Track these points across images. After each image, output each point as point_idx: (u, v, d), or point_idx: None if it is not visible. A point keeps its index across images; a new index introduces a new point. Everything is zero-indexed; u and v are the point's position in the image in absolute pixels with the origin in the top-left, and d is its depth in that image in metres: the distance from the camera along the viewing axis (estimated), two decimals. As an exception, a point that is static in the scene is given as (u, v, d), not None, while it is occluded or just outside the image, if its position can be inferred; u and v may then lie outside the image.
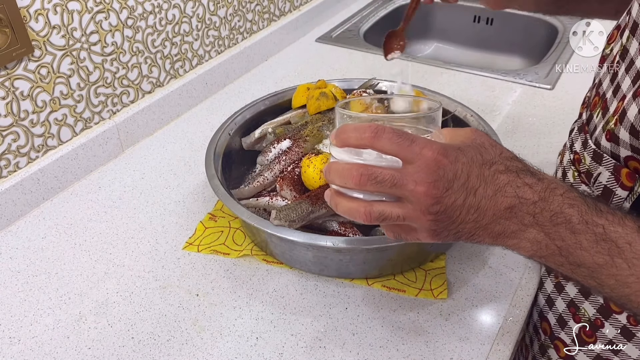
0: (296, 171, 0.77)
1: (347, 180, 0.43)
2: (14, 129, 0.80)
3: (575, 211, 0.42)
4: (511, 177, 0.42)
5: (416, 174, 0.41)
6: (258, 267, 0.74)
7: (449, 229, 0.43)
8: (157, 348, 0.64)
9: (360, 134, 0.42)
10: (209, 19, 1.09)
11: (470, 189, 0.42)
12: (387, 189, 0.42)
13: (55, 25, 0.81)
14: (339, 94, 0.91)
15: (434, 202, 0.41)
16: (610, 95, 0.55)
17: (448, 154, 0.41)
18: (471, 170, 0.42)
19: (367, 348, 0.63)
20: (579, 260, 0.42)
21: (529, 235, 0.43)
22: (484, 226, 0.43)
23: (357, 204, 0.44)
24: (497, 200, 0.42)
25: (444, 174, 0.41)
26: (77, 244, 0.79)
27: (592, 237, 0.41)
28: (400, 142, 0.41)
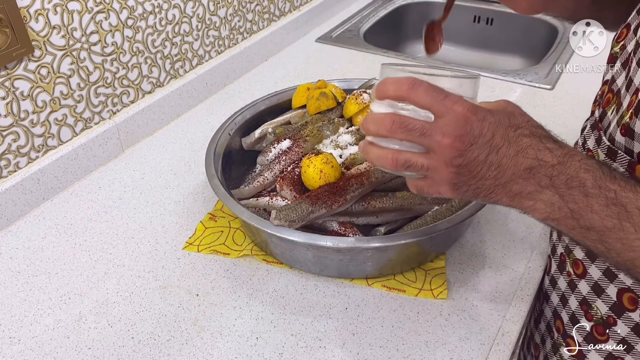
0: (296, 171, 0.77)
1: (380, 127, 0.46)
2: (14, 129, 0.80)
3: (590, 176, 0.44)
4: (534, 140, 0.45)
5: (444, 127, 0.44)
6: (258, 267, 0.74)
7: (469, 183, 0.46)
8: (157, 348, 0.64)
9: (398, 86, 0.45)
10: (209, 19, 1.09)
11: (493, 146, 0.44)
12: (416, 137, 0.45)
13: (55, 26, 0.81)
14: (339, 94, 0.91)
15: (457, 154, 0.44)
16: (623, 90, 0.55)
17: (477, 112, 0.44)
18: (497, 130, 0.44)
19: (367, 348, 0.63)
20: (589, 223, 0.44)
21: (544, 197, 0.45)
22: (503, 184, 0.45)
23: (386, 151, 0.47)
24: (517, 160, 0.44)
25: (470, 130, 0.44)
26: (77, 244, 0.79)
27: (603, 200, 0.43)
28: (434, 95, 0.44)
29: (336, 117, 0.88)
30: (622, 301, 0.59)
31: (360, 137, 0.83)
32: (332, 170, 0.73)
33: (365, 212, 0.73)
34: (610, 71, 0.60)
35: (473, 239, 0.77)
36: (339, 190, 0.71)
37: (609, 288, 0.60)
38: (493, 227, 0.79)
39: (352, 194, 0.71)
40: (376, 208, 0.73)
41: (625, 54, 0.57)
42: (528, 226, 0.79)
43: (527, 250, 0.75)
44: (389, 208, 0.73)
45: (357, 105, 0.86)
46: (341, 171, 0.75)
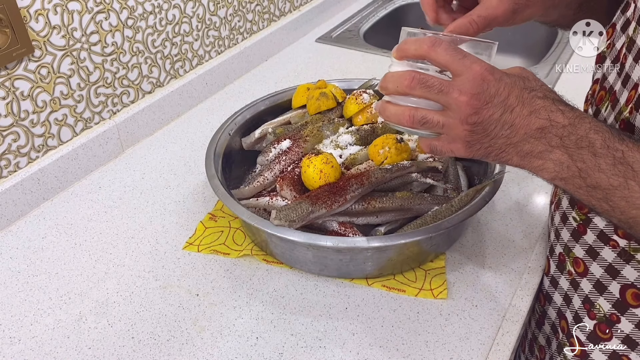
0: (296, 171, 0.77)
1: (399, 84, 0.48)
2: (14, 129, 0.80)
3: (600, 137, 0.45)
4: (547, 102, 0.46)
5: (462, 85, 0.45)
6: (258, 267, 0.74)
7: (482, 141, 0.47)
8: (157, 348, 0.64)
9: (419, 44, 0.47)
10: (209, 19, 1.09)
11: (508, 106, 0.46)
12: (434, 94, 0.46)
13: (55, 26, 0.81)
14: (339, 94, 0.91)
15: (473, 112, 0.45)
16: (619, 87, 0.55)
17: (494, 72, 0.46)
18: (512, 91, 0.46)
19: (367, 348, 0.63)
20: (596, 182, 0.45)
21: (554, 156, 0.46)
22: (515, 144, 0.47)
23: (402, 108, 0.49)
24: (530, 120, 0.46)
25: (487, 88, 0.45)
26: (77, 244, 0.79)
27: (611, 160, 0.44)
28: (454, 54, 0.46)
29: (336, 117, 0.88)
30: (625, 298, 0.59)
31: (360, 137, 0.83)
32: (332, 170, 0.73)
33: (365, 212, 0.73)
34: (600, 70, 0.61)
35: (473, 239, 0.77)
36: (339, 190, 0.71)
37: (611, 285, 0.60)
38: (493, 227, 0.79)
39: (352, 194, 0.71)
40: (376, 208, 0.73)
41: (614, 52, 0.58)
42: (528, 226, 0.79)
43: (527, 250, 0.75)
44: (389, 208, 0.73)
45: (357, 105, 0.86)
46: (341, 171, 0.75)
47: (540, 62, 1.22)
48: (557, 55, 1.23)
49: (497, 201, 0.83)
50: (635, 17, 0.53)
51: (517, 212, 0.82)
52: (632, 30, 0.54)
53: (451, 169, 0.81)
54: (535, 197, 0.84)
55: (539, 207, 0.82)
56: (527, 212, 0.81)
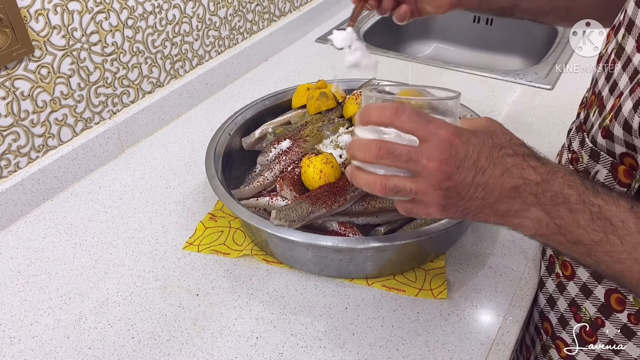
0: (296, 171, 0.77)
1: (366, 154, 0.47)
2: (15, 129, 0.80)
3: (574, 192, 0.45)
4: (518, 160, 0.46)
5: (430, 151, 0.45)
6: (258, 267, 0.74)
7: (457, 205, 0.46)
8: (157, 348, 0.64)
9: (382, 112, 0.46)
10: (209, 19, 1.09)
11: (479, 168, 0.45)
12: (403, 163, 0.46)
13: (55, 26, 0.81)
14: (339, 94, 0.91)
15: (444, 177, 0.45)
16: (606, 93, 0.55)
17: (461, 135, 0.45)
18: (481, 152, 0.45)
19: (367, 348, 0.63)
20: (577, 237, 0.45)
21: (531, 215, 0.46)
22: (490, 204, 0.46)
23: (374, 177, 0.48)
24: (503, 180, 0.45)
25: (455, 153, 0.44)
26: (77, 244, 0.79)
27: (588, 215, 0.44)
28: (418, 120, 0.45)
29: (336, 117, 0.88)
30: (609, 302, 0.59)
31: (360, 137, 0.82)
32: (332, 170, 0.73)
33: (365, 212, 0.73)
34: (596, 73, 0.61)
35: (473, 239, 0.77)
36: (339, 190, 0.71)
37: (596, 289, 0.60)
38: (493, 227, 0.79)
39: (352, 194, 0.71)
40: (376, 208, 0.73)
41: (606, 56, 0.58)
42: (528, 226, 0.79)
43: (527, 250, 0.75)
44: (389, 208, 0.73)
45: (357, 105, 0.86)
46: (341, 171, 0.75)
47: (540, 62, 1.22)
48: (557, 55, 1.23)
49: (497, 201, 0.83)
50: (625, 23, 0.53)
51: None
52: (621, 36, 0.54)
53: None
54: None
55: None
56: (527, 212, 0.81)
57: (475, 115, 0.84)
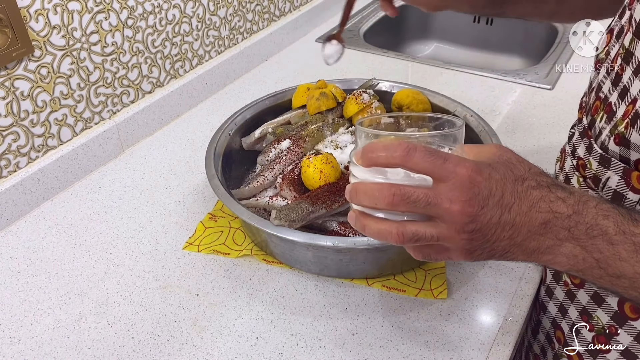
0: (296, 171, 0.77)
1: (378, 201, 0.42)
2: (14, 129, 0.80)
3: (611, 222, 0.41)
4: (544, 192, 0.42)
5: (450, 192, 0.40)
6: (258, 267, 0.74)
7: (483, 247, 0.43)
8: (157, 348, 0.64)
9: (390, 153, 0.41)
10: (209, 19, 1.09)
11: (505, 205, 0.41)
12: (421, 208, 0.41)
13: (55, 25, 0.81)
14: (339, 94, 0.91)
15: (469, 220, 0.41)
16: (615, 99, 0.54)
17: (482, 172, 0.41)
18: (505, 187, 0.41)
19: (367, 348, 0.63)
20: (619, 271, 0.41)
21: (564, 250, 0.42)
22: (519, 243, 0.42)
23: (388, 225, 0.43)
24: (531, 216, 0.41)
25: (479, 192, 0.40)
26: (77, 244, 0.79)
27: (630, 247, 0.41)
28: (433, 160, 0.40)
29: (336, 117, 0.88)
30: (623, 310, 0.58)
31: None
32: (332, 170, 0.73)
33: (365, 212, 0.73)
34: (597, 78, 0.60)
35: (473, 239, 0.77)
36: (339, 190, 0.71)
37: (609, 297, 0.59)
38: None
39: (352, 194, 0.71)
40: (376, 208, 0.73)
41: (609, 60, 0.57)
42: (528, 226, 0.79)
43: (527, 250, 0.75)
44: (389, 208, 0.73)
45: (357, 105, 0.86)
46: (341, 171, 0.75)
47: (540, 62, 1.22)
48: (557, 55, 1.22)
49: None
50: (632, 28, 0.52)
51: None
52: (628, 41, 0.53)
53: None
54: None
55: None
56: (527, 212, 0.81)
57: (476, 115, 0.84)
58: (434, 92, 0.91)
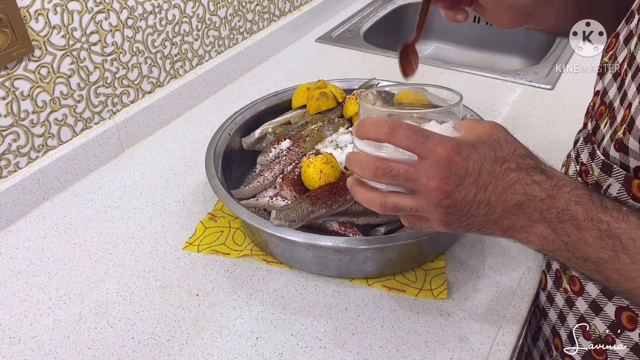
0: (296, 171, 0.77)
1: (364, 171, 0.46)
2: (14, 129, 0.80)
3: (581, 208, 0.43)
4: (521, 174, 0.44)
5: (429, 170, 0.43)
6: (258, 267, 0.74)
7: (460, 220, 0.46)
8: (157, 348, 0.64)
9: (377, 128, 0.45)
10: (209, 19, 1.09)
11: (480, 185, 0.44)
12: (401, 182, 0.45)
13: (55, 25, 0.81)
14: (339, 94, 0.91)
15: (444, 196, 0.44)
16: (617, 103, 0.54)
17: (461, 151, 0.43)
18: (483, 168, 0.44)
19: (367, 348, 0.63)
20: (585, 255, 0.44)
21: (536, 231, 0.45)
22: (494, 220, 0.45)
23: (374, 194, 0.47)
24: (506, 197, 0.44)
25: (455, 171, 0.43)
26: (77, 244, 0.79)
27: (596, 233, 0.43)
28: (415, 138, 0.44)
29: (336, 117, 0.88)
30: (620, 320, 0.58)
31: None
32: (332, 170, 0.73)
33: (365, 212, 0.73)
34: (601, 82, 0.59)
35: (473, 239, 0.77)
36: (339, 190, 0.71)
37: (607, 306, 0.58)
38: (493, 227, 0.79)
39: (352, 194, 0.71)
40: (376, 208, 0.73)
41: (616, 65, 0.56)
42: (528, 226, 0.79)
43: (527, 250, 0.75)
44: (389, 208, 0.73)
45: (357, 105, 0.86)
46: (341, 171, 0.75)
47: (540, 62, 1.22)
48: (557, 55, 1.23)
49: (497, 201, 0.83)
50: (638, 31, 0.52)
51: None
52: (633, 45, 0.52)
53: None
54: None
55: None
56: (527, 212, 0.81)
57: (476, 116, 0.84)
58: (434, 92, 0.91)
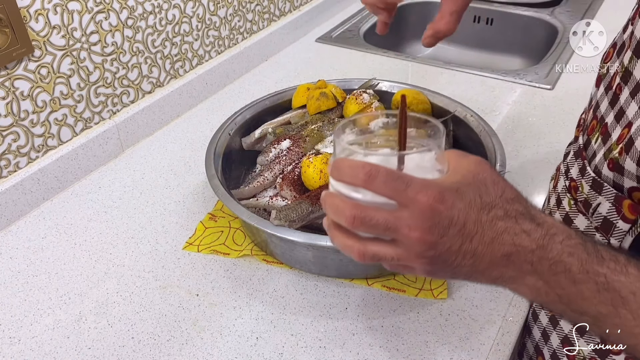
0: (296, 171, 0.77)
1: (340, 219, 0.42)
2: (14, 129, 0.80)
3: (576, 260, 0.40)
4: (509, 223, 0.41)
5: (410, 219, 0.40)
6: (258, 267, 0.74)
7: (444, 270, 0.42)
8: (157, 348, 0.64)
9: (354, 174, 0.41)
10: (209, 19, 1.09)
11: (466, 235, 0.40)
12: (381, 231, 0.41)
13: (55, 25, 0.81)
14: (339, 94, 0.91)
15: (427, 247, 0.40)
16: (611, 120, 0.52)
17: (445, 199, 0.40)
18: (468, 216, 0.40)
19: (367, 348, 0.63)
20: (581, 309, 0.41)
21: (527, 282, 0.41)
22: (481, 271, 0.42)
23: (352, 242, 0.43)
24: (494, 248, 0.41)
25: (439, 221, 0.40)
26: (77, 244, 0.79)
27: (593, 286, 0.40)
28: (394, 185, 0.40)
29: (336, 117, 0.88)
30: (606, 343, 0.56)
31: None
32: (332, 170, 0.73)
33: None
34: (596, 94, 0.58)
35: (473, 239, 0.77)
36: (339, 190, 0.71)
37: None
38: (493, 227, 0.79)
39: (352, 194, 0.71)
40: (376, 208, 0.73)
41: (608, 78, 0.55)
42: (528, 226, 0.79)
43: (527, 250, 0.75)
44: (389, 208, 0.73)
45: (357, 105, 0.86)
46: (341, 171, 0.75)
47: (540, 62, 1.22)
48: (557, 55, 1.23)
49: (497, 201, 0.83)
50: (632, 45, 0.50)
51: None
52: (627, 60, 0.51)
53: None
54: (535, 197, 0.84)
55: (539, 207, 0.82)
56: (527, 212, 0.81)
57: (476, 116, 0.84)
58: (434, 92, 0.91)
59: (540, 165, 0.90)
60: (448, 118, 0.87)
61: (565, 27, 1.34)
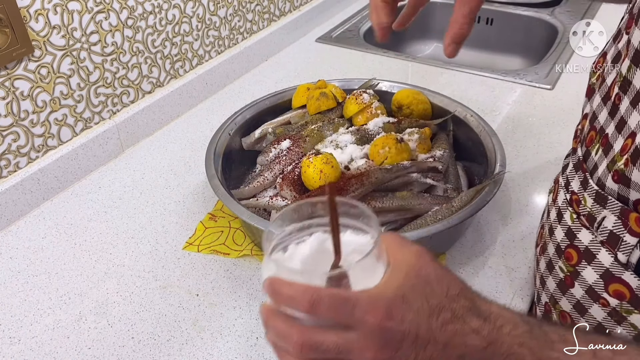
0: (296, 171, 0.77)
1: (287, 345, 0.40)
2: (14, 129, 0.80)
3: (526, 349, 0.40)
4: (458, 325, 0.41)
5: (362, 341, 0.39)
6: (258, 267, 0.74)
7: None
8: (157, 348, 0.64)
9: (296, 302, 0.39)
10: (209, 19, 1.09)
11: (420, 345, 0.40)
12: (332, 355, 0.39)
13: (55, 25, 0.81)
14: (339, 94, 0.91)
15: None
16: (612, 130, 0.51)
17: (393, 316, 0.39)
18: (420, 326, 0.40)
19: (367, 348, 0.63)
20: None
21: None
22: None
23: None
24: (447, 352, 0.40)
25: (391, 337, 0.39)
26: (77, 244, 0.79)
27: None
28: (339, 308, 0.38)
29: (336, 117, 0.88)
30: None
31: (360, 137, 0.82)
32: (332, 170, 0.73)
33: (365, 212, 0.73)
34: (589, 105, 0.56)
35: (473, 239, 0.77)
36: (339, 191, 0.71)
37: None
38: (493, 227, 0.79)
39: (352, 194, 0.71)
40: (376, 208, 0.73)
41: (604, 88, 0.54)
42: (528, 226, 0.79)
43: (527, 250, 0.75)
44: (389, 208, 0.73)
45: (357, 105, 0.86)
46: (341, 171, 0.75)
47: (540, 62, 1.22)
48: (557, 55, 1.22)
49: (497, 201, 0.83)
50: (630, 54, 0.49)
51: (517, 212, 0.82)
52: (625, 69, 0.50)
53: (451, 169, 0.81)
54: (535, 197, 0.84)
55: (539, 207, 0.82)
56: (527, 212, 0.81)
57: (476, 116, 0.84)
58: (434, 92, 0.91)
59: (541, 165, 0.90)
60: (448, 118, 0.87)
61: (565, 27, 1.34)
